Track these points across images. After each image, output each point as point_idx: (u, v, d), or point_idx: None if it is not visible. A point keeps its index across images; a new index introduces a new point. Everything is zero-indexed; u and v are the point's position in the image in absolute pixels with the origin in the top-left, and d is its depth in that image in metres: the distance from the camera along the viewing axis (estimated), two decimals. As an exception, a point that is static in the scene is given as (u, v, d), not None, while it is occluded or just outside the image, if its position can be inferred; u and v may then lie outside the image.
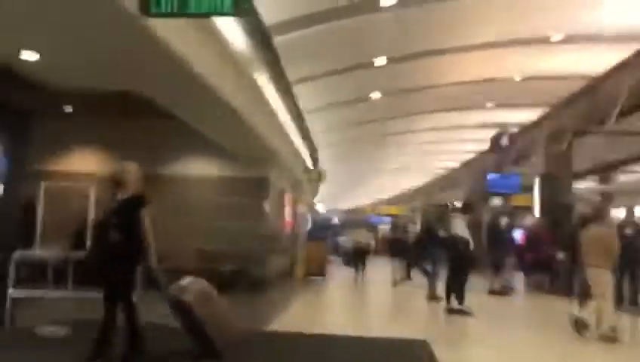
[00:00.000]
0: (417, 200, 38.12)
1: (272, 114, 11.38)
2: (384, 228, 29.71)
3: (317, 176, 17.61)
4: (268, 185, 12.64)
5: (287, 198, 15.63)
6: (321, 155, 21.36)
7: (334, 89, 13.89)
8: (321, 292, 13.32)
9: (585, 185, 19.76)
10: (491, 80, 12.61)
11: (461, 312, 9.18)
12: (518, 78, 12.42)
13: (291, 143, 14.07)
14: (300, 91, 13.00)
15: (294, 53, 10.89)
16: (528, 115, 16.76)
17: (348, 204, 49.21)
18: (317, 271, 15.56)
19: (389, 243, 16.17)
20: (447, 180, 29.71)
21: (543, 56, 10.96)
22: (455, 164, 26.68)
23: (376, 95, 15.21)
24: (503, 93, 13.75)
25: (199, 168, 12.70)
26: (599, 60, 11.26)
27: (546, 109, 15.76)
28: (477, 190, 24.89)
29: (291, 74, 11.50)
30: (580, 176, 20.67)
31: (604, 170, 21.72)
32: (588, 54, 10.87)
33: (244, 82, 9.00)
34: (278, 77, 11.24)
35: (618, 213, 13.75)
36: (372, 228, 28.52)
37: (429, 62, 12.30)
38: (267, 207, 12.62)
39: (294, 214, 17.33)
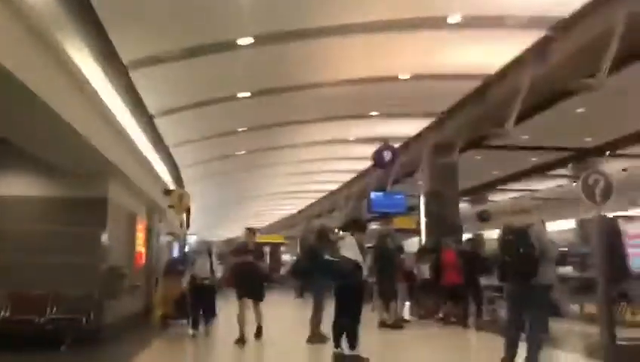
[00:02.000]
0: (297, 227, 36.44)
1: (110, 121, 8.86)
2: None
3: (178, 198, 14.95)
4: (106, 208, 9.92)
5: (140, 225, 12.87)
6: (192, 187, 18.82)
7: (199, 123, 13.09)
8: (174, 342, 10.50)
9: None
10: (375, 79, 10.96)
11: (354, 359, 7.15)
12: (405, 76, 10.87)
13: (141, 158, 11.45)
14: (165, 124, 12.37)
15: (156, 85, 10.43)
16: (415, 126, 15.49)
17: (226, 233, 46.51)
18: (178, 312, 12.86)
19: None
20: (327, 204, 28.22)
21: (436, 45, 9.48)
22: (335, 186, 25.17)
23: (242, 126, 14.00)
24: (388, 97, 12.19)
25: (14, 187, 9.76)
26: (499, 52, 9.99)
27: (433, 119, 14.53)
28: (357, 212, 23.57)
29: (154, 105, 11.13)
30: (468, 193, 20.09)
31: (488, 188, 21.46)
32: (487, 44, 9.53)
33: (71, 83, 7.07)
34: (119, 75, 8.84)
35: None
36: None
37: (302, 63, 10.42)
38: (106, 235, 9.89)
39: (150, 244, 14.55)
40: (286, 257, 41.57)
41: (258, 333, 9.19)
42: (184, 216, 22.48)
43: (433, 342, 10.28)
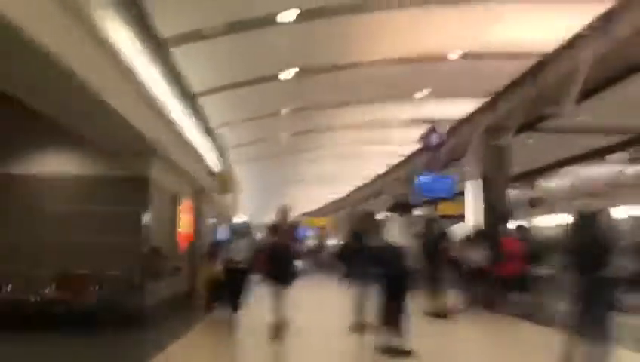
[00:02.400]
0: (344, 211, 36.13)
1: (150, 100, 8.75)
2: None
3: (225, 180, 14.86)
4: (148, 188, 9.85)
5: (185, 206, 12.84)
6: (239, 170, 18.78)
7: (243, 103, 12.98)
8: (214, 327, 10.33)
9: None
10: (423, 58, 10.43)
11: (399, 353, 6.78)
12: (455, 55, 10.30)
13: (184, 138, 11.35)
14: (209, 105, 12.37)
15: (199, 63, 10.37)
16: (465, 108, 14.83)
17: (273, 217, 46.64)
18: (220, 296, 12.78)
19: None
20: (373, 187, 27.73)
21: (488, 20, 8.89)
22: (382, 170, 24.65)
23: (286, 109, 13.73)
24: (437, 77, 11.64)
25: (56, 165, 9.82)
26: (556, 28, 9.30)
27: (485, 99, 13.85)
28: (404, 196, 23.04)
29: (196, 84, 11.02)
30: (518, 178, 19.24)
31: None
32: (544, 20, 8.87)
33: (109, 61, 6.97)
34: (159, 53, 8.70)
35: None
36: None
37: (352, 41, 10.02)
38: (148, 215, 9.84)
39: (196, 226, 14.55)
40: (331, 241, 41.37)
41: (278, 331, 7.77)
42: (231, 198, 22.58)
43: (481, 333, 9.80)
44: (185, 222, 12.87)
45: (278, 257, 8.01)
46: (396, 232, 6.96)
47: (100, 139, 9.05)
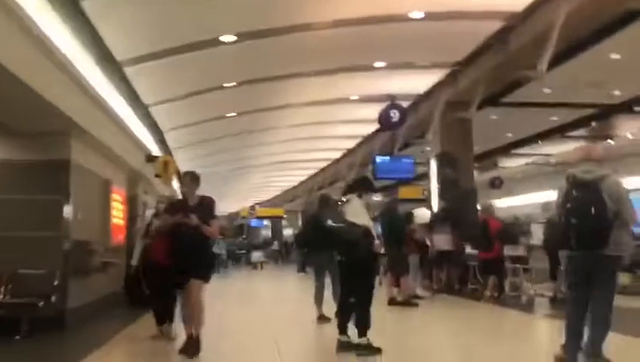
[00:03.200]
0: (297, 201, 35.05)
1: (67, 71, 7.33)
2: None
3: (163, 166, 13.41)
4: (68, 172, 8.40)
5: (117, 195, 11.39)
6: (182, 156, 17.30)
7: (181, 76, 11.69)
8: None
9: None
10: (382, 19, 9.33)
11: (366, 350, 5.73)
12: (419, 14, 9.24)
13: (113, 116, 9.90)
14: (159, 113, 12.76)
15: (147, 81, 10.58)
16: (426, 82, 13.87)
17: (226, 208, 45.14)
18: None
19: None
20: (329, 174, 26.71)
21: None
22: (337, 155, 23.59)
23: (229, 84, 12.54)
24: (396, 43, 10.57)
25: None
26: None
27: (446, 70, 12.91)
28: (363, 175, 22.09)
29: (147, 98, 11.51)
30: (478, 158, 18.53)
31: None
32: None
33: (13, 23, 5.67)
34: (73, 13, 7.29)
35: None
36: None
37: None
38: (70, 205, 8.40)
39: (132, 217, 13.11)
40: (287, 232, 40.32)
41: (189, 346, 5.85)
42: (176, 187, 21.07)
43: (456, 321, 8.85)
44: (119, 212, 11.44)
45: (184, 244, 5.84)
46: (356, 212, 5.93)
47: (8, 118, 7.58)
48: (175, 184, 20.00)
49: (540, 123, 17.73)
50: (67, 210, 8.36)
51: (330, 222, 6.00)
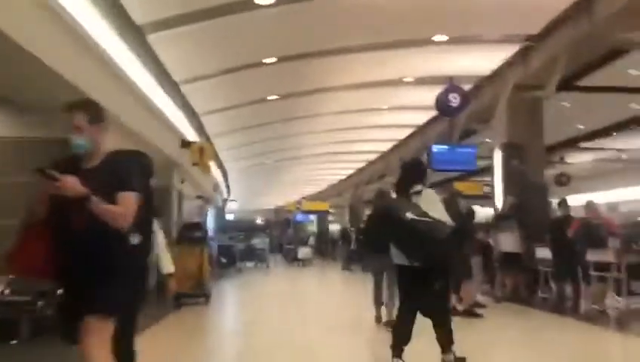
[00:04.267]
0: (345, 194, 33.68)
1: (83, 41, 6.29)
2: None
3: (199, 152, 12.32)
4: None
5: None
6: (221, 144, 16.27)
7: (227, 91, 11.85)
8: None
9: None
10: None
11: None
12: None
13: (139, 96, 8.81)
14: (192, 93, 11.44)
15: (175, 51, 9.37)
16: (490, 61, 12.24)
17: (271, 202, 44.30)
18: (194, 288, 10.44)
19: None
20: (378, 168, 25.18)
21: None
22: (387, 147, 22.06)
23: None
24: (459, 13, 9.08)
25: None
26: None
27: (516, 47, 11.29)
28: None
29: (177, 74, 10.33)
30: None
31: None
32: None
33: None
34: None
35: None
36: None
37: None
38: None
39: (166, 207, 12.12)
40: (333, 227, 39.03)
41: None
42: (217, 177, 20.10)
43: (542, 343, 7.12)
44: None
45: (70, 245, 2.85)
46: (433, 205, 4.56)
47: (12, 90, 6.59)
48: (216, 175, 19.12)
49: (616, 112, 15.77)
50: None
51: (409, 215, 4.39)
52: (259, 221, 42.00)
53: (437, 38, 10.67)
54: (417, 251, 4.46)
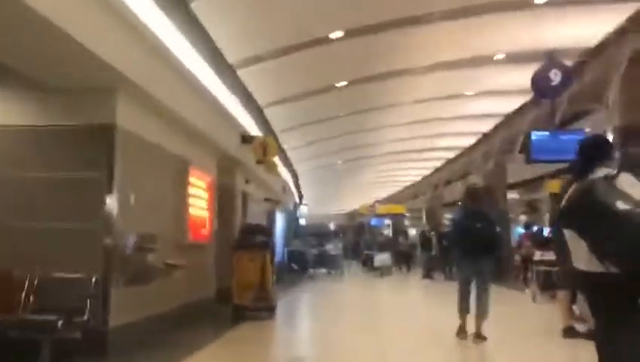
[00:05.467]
0: (422, 197, 31.77)
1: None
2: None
3: (261, 148, 11.05)
4: (113, 140, 6.14)
5: (199, 179, 9.17)
6: (288, 141, 15.05)
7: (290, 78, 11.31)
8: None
9: None
10: None
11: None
12: None
13: (187, 76, 7.59)
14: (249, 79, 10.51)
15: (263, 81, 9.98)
16: (600, 27, 10.26)
17: (344, 205, 43.01)
18: (257, 300, 9.13)
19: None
20: (458, 166, 23.13)
21: None
22: (469, 142, 20.08)
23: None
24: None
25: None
26: None
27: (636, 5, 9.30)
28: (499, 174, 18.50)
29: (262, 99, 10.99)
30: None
31: None
32: None
33: None
34: None
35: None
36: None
37: None
38: (118, 185, 6.15)
39: (227, 210, 10.97)
40: (412, 231, 37.08)
41: None
42: (286, 178, 18.88)
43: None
44: (201, 201, 9.20)
45: None
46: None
47: (31, 69, 5.50)
48: (284, 176, 17.89)
49: None
50: (109, 192, 6.10)
51: (620, 205, 3.02)
52: (332, 225, 40.75)
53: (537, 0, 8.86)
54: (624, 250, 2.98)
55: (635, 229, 2.91)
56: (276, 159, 13.30)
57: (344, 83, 12.06)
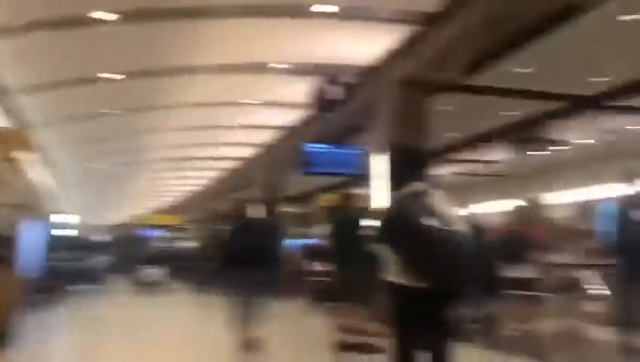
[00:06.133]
0: (200, 207, 30.89)
1: None
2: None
3: (7, 141, 9.22)
4: None
5: None
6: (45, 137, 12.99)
7: (65, 102, 11.00)
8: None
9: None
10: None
11: None
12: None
13: None
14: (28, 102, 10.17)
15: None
16: (375, 49, 10.72)
17: (117, 215, 40.10)
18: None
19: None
20: (237, 178, 22.81)
21: None
22: (248, 152, 19.90)
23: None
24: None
25: None
26: None
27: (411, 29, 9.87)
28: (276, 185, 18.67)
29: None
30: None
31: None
32: None
33: None
34: None
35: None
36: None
37: None
38: None
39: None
40: (187, 244, 35.76)
41: None
42: (44, 181, 16.47)
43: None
44: None
45: None
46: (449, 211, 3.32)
47: None
48: (32, 176, 15.51)
49: (488, 119, 15.11)
50: None
51: (426, 221, 3.11)
52: (100, 236, 37.48)
53: (316, 8, 8.79)
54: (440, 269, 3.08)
55: (443, 246, 3.01)
56: (29, 157, 11.34)
57: (117, 75, 10.77)
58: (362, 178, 13.42)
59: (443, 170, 21.16)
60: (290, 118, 14.85)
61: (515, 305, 7.19)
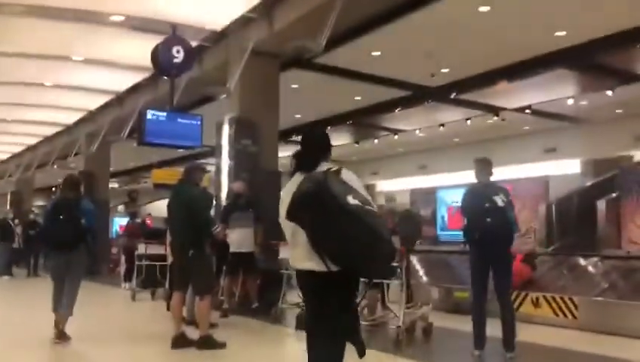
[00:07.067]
0: (8, 179, 27.13)
1: None
2: None
3: None
4: None
5: None
6: None
7: None
8: None
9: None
10: None
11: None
12: None
13: None
14: None
15: None
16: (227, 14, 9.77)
17: None
18: None
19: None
20: (57, 147, 20.10)
21: None
22: (72, 118, 17.57)
23: None
24: None
25: None
26: None
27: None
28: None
29: None
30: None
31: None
32: None
33: None
34: None
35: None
36: None
37: None
38: None
39: None
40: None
41: None
42: None
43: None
44: None
45: None
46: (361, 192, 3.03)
47: None
48: None
49: (336, 101, 15.01)
50: None
51: (351, 200, 2.87)
52: None
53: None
54: (350, 252, 2.87)
55: (363, 226, 2.80)
56: None
57: None
58: (206, 151, 12.49)
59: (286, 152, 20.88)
60: (126, 82, 13.30)
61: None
